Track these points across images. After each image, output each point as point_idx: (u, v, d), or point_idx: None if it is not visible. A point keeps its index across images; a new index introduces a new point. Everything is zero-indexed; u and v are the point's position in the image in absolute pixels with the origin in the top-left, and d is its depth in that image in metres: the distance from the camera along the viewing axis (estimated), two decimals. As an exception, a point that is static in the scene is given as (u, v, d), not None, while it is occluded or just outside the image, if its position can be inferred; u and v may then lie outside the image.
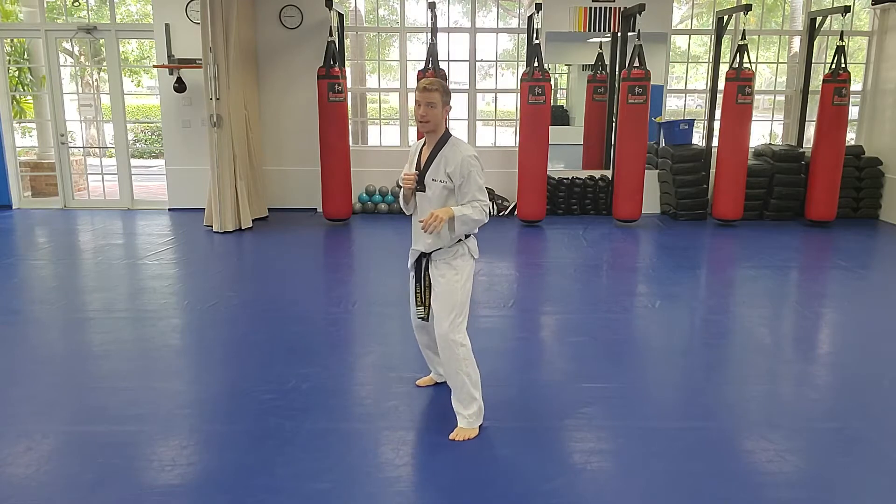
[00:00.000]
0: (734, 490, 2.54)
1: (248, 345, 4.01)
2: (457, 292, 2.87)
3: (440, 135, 2.84)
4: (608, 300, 4.93)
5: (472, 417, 2.91)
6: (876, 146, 7.91)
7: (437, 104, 2.78)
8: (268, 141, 7.85)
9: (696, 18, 9.06)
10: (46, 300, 4.82)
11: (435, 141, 2.85)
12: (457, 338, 2.86)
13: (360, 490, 2.52)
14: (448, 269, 2.88)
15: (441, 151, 2.83)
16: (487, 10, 8.48)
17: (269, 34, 7.67)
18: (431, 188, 2.84)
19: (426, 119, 2.79)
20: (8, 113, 8.00)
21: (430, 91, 2.77)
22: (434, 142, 2.86)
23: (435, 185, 2.83)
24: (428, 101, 2.77)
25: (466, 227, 2.82)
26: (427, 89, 2.78)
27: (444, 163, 2.80)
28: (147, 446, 2.83)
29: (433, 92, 2.77)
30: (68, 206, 8.15)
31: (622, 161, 7.27)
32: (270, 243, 6.58)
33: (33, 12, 7.91)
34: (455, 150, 2.81)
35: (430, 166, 2.84)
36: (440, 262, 2.90)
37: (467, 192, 2.80)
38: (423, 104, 2.78)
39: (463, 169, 2.77)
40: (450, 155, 2.81)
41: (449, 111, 2.88)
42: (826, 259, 6.43)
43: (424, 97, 2.78)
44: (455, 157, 2.79)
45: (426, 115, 2.78)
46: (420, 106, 2.79)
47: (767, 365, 3.84)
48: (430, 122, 2.79)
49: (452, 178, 2.79)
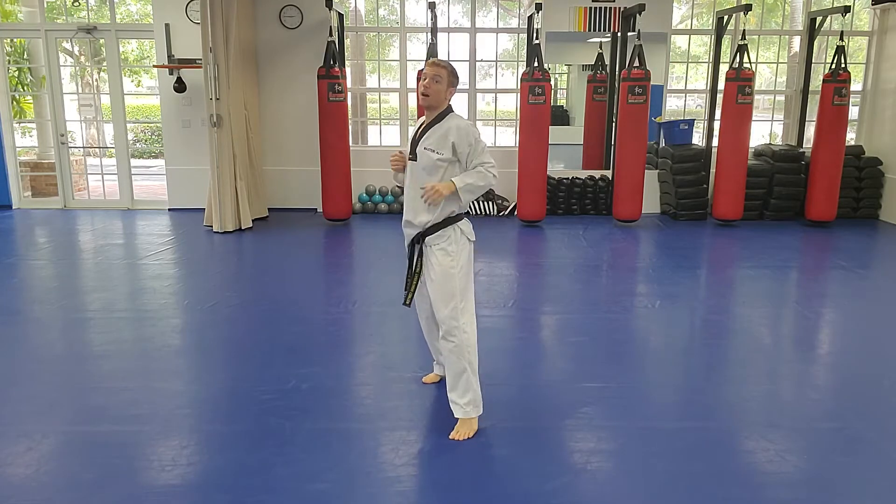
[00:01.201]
0: (734, 490, 2.54)
1: (248, 345, 4.01)
2: (454, 278, 2.81)
3: (440, 111, 2.80)
4: (608, 300, 4.93)
5: (468, 406, 2.86)
6: (876, 146, 7.91)
7: (442, 79, 2.74)
8: (268, 141, 7.85)
9: (696, 18, 9.07)
10: (46, 300, 4.82)
11: (434, 115, 2.82)
12: (460, 324, 2.81)
13: (360, 490, 2.52)
14: (443, 255, 2.82)
15: (440, 123, 2.79)
16: (487, 10, 8.49)
17: (269, 34, 7.67)
18: (423, 157, 2.79)
19: (427, 91, 2.74)
20: (8, 113, 7.99)
21: (438, 66, 2.76)
22: (433, 115, 2.82)
23: (427, 155, 2.78)
24: (435, 73, 2.74)
25: (473, 195, 2.80)
26: (437, 64, 2.77)
27: (442, 133, 2.76)
28: (147, 446, 2.83)
29: (442, 68, 2.76)
30: (68, 206, 8.15)
31: (622, 161, 7.27)
32: (270, 243, 6.58)
33: (33, 12, 7.91)
34: (456, 121, 2.78)
35: (425, 135, 2.80)
36: (434, 247, 2.84)
37: (474, 158, 2.78)
38: (430, 77, 2.74)
39: (469, 136, 2.75)
40: (451, 126, 2.76)
41: (453, 93, 2.83)
42: (826, 259, 6.43)
43: (432, 70, 2.75)
44: (456, 127, 2.75)
45: (429, 87, 2.74)
46: (426, 78, 2.75)
47: (767, 365, 3.84)
48: (431, 95, 2.75)
49: (458, 148, 2.75)
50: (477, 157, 2.78)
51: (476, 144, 2.77)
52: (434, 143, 2.77)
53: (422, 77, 2.78)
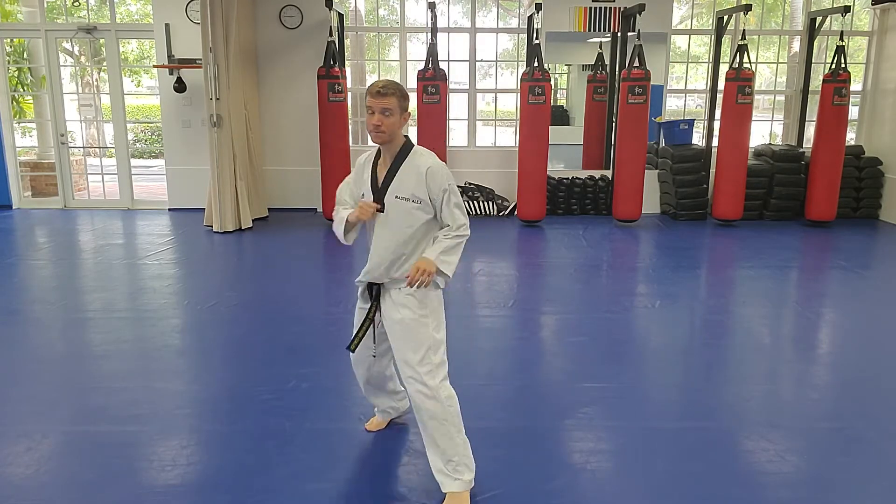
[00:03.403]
0: (734, 490, 2.54)
1: (248, 345, 4.01)
2: (427, 327, 2.39)
3: (398, 145, 2.37)
4: (608, 300, 4.93)
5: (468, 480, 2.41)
6: (876, 146, 7.91)
7: (393, 111, 2.29)
8: (268, 141, 7.85)
9: (696, 18, 9.07)
10: (46, 300, 4.82)
11: (394, 152, 2.37)
12: (435, 383, 2.34)
13: (359, 490, 2.52)
14: (411, 300, 2.40)
15: (404, 165, 2.36)
16: (487, 10, 8.48)
17: (269, 34, 7.67)
18: (395, 208, 2.37)
19: (381, 129, 2.29)
20: (8, 113, 7.99)
21: (384, 96, 2.27)
22: (393, 153, 2.37)
23: (399, 205, 2.35)
24: (383, 106, 2.27)
25: (454, 268, 2.40)
26: (381, 93, 2.27)
27: (413, 177, 2.34)
28: (147, 446, 2.83)
29: (389, 97, 2.27)
30: (68, 206, 8.15)
31: (622, 161, 7.27)
32: (270, 243, 6.58)
33: (33, 12, 7.91)
34: (425, 160, 2.35)
35: (392, 182, 2.36)
36: (398, 291, 2.42)
37: (449, 213, 2.36)
38: (378, 111, 2.28)
39: (443, 181, 2.33)
40: (421, 167, 2.33)
41: (407, 119, 2.37)
42: (826, 259, 6.43)
43: (378, 103, 2.27)
44: (428, 170, 2.32)
45: (381, 125, 2.28)
46: (374, 113, 2.28)
47: (767, 365, 3.84)
48: (386, 132, 2.30)
49: (431, 194, 2.34)
50: (452, 212, 2.37)
51: (451, 194, 2.35)
52: (406, 190, 2.34)
53: (368, 109, 2.30)
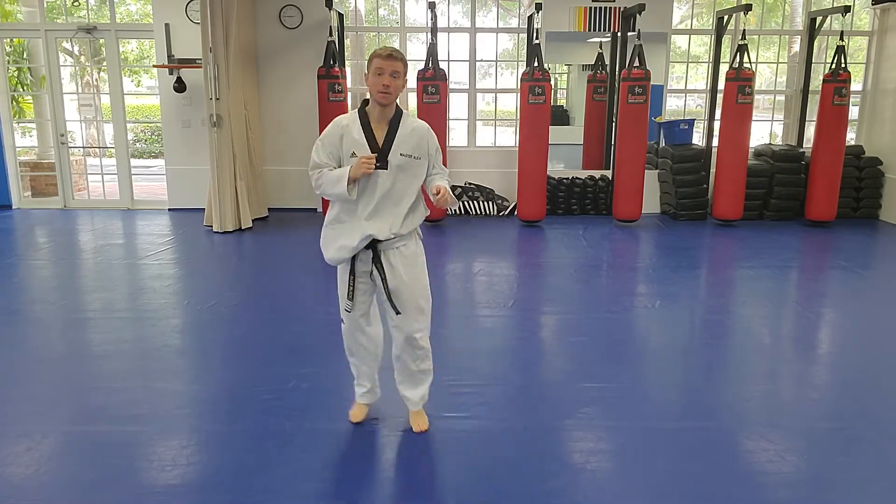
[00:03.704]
0: (734, 490, 2.54)
1: (248, 345, 4.01)
2: (426, 287, 2.76)
3: (394, 108, 2.63)
4: (608, 300, 4.93)
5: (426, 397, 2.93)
6: (876, 146, 7.91)
7: (401, 74, 2.55)
8: (268, 141, 7.85)
9: (696, 18, 9.07)
10: (46, 300, 4.82)
11: (389, 116, 2.62)
12: (426, 344, 2.82)
13: (360, 490, 2.52)
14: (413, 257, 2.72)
15: (402, 125, 2.62)
16: (487, 10, 8.48)
17: (269, 34, 7.67)
18: (403, 164, 2.62)
19: (389, 90, 2.53)
20: (8, 113, 7.99)
21: (395, 59, 2.52)
22: (388, 116, 2.62)
23: (404, 161, 2.61)
24: (393, 69, 2.52)
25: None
26: (393, 56, 2.52)
27: (414, 136, 2.62)
28: (147, 446, 2.83)
29: (398, 61, 2.53)
30: (68, 206, 8.15)
31: (622, 161, 7.27)
32: (270, 243, 6.58)
33: (33, 12, 7.90)
34: (418, 122, 2.68)
35: (395, 141, 2.61)
36: (394, 251, 2.69)
37: (438, 164, 2.72)
38: (388, 73, 2.52)
39: (434, 138, 2.68)
40: (417, 127, 2.65)
41: (405, 85, 2.66)
42: (826, 259, 6.43)
43: (389, 65, 2.52)
44: (424, 129, 2.66)
45: (390, 86, 2.53)
46: (383, 75, 2.52)
47: (767, 365, 3.84)
48: (392, 93, 2.55)
49: (429, 150, 2.67)
50: (438, 160, 2.73)
51: (437, 149, 2.72)
52: (410, 148, 2.62)
53: (376, 71, 2.53)
